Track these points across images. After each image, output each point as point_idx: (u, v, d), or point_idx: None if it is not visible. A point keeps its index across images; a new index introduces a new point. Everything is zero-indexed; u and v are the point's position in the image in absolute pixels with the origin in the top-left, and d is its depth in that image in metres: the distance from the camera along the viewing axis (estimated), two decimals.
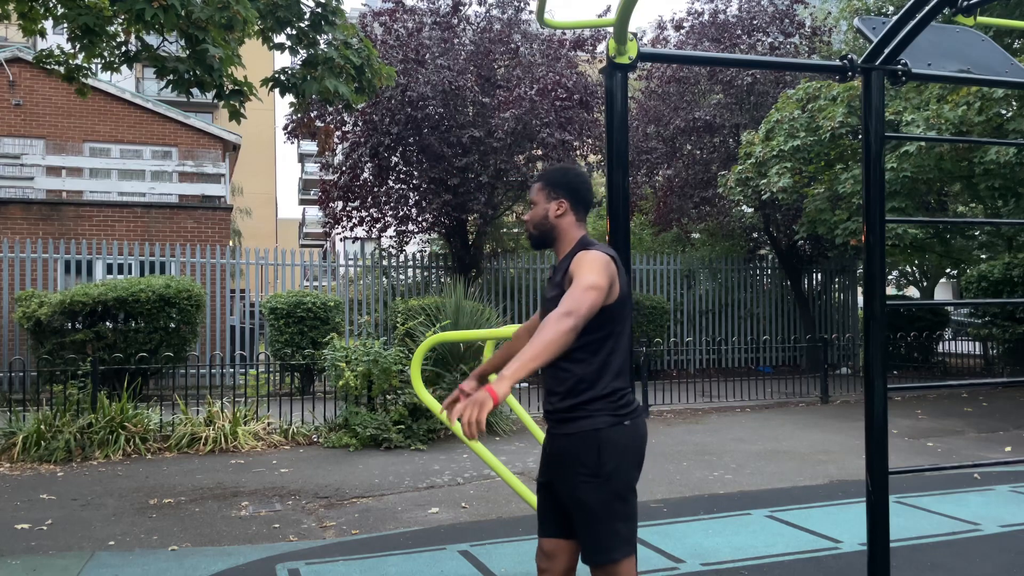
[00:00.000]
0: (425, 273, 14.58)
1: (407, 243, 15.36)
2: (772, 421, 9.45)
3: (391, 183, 14.26)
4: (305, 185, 48.85)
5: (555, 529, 2.55)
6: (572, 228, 2.57)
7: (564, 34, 14.29)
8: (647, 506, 5.40)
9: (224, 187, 14.90)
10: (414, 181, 14.14)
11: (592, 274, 2.35)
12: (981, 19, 2.98)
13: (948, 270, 21.08)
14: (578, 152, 14.72)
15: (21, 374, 9.37)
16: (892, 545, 2.83)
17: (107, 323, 10.40)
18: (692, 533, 4.81)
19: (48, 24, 6.67)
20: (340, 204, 14.54)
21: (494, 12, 14.48)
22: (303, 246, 40.95)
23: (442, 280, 14.41)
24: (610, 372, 2.46)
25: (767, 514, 5.22)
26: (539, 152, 14.10)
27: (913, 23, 2.53)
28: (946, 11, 2.47)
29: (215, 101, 6.53)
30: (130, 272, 12.54)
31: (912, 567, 4.12)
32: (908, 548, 4.43)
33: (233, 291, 13.57)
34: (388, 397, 8.14)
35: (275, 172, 41.05)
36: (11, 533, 4.90)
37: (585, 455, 2.40)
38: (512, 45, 14.00)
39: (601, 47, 14.61)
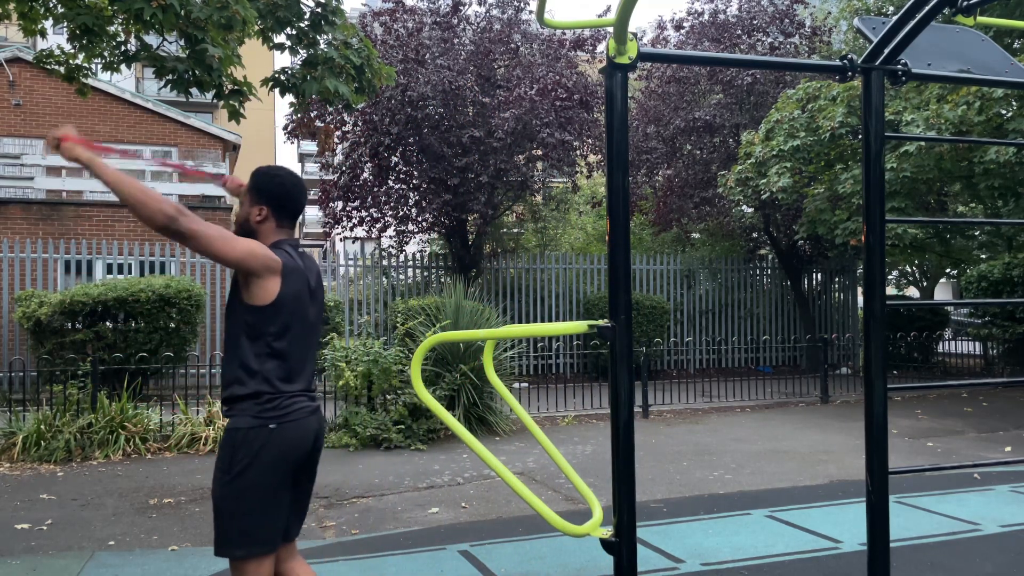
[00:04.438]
0: (425, 273, 14.58)
1: (407, 243, 15.36)
2: (772, 421, 9.45)
3: (391, 183, 14.26)
4: None
5: None
6: (270, 234, 2.65)
7: (564, 34, 14.29)
8: (647, 506, 5.40)
9: None
10: (414, 181, 14.14)
11: (242, 243, 2.47)
12: (981, 19, 2.98)
13: (948, 270, 21.08)
14: (578, 152, 14.73)
15: (21, 374, 9.38)
16: (892, 545, 2.83)
17: (107, 323, 10.40)
18: (692, 533, 4.81)
19: (48, 24, 6.67)
20: (340, 204, 14.54)
21: (494, 12, 14.48)
22: (303, 246, 40.89)
23: (442, 280, 14.41)
24: (259, 375, 2.52)
25: (767, 514, 5.22)
26: (539, 152, 14.10)
27: (913, 23, 2.53)
28: (946, 11, 2.47)
29: (215, 101, 6.53)
30: (130, 272, 12.54)
31: (912, 567, 4.12)
32: (908, 548, 4.43)
33: None
34: (388, 397, 8.14)
35: None
36: (11, 533, 4.90)
37: (223, 452, 2.52)
38: (512, 45, 14.00)
39: (601, 47, 14.61)
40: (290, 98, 6.93)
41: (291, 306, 2.56)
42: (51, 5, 6.32)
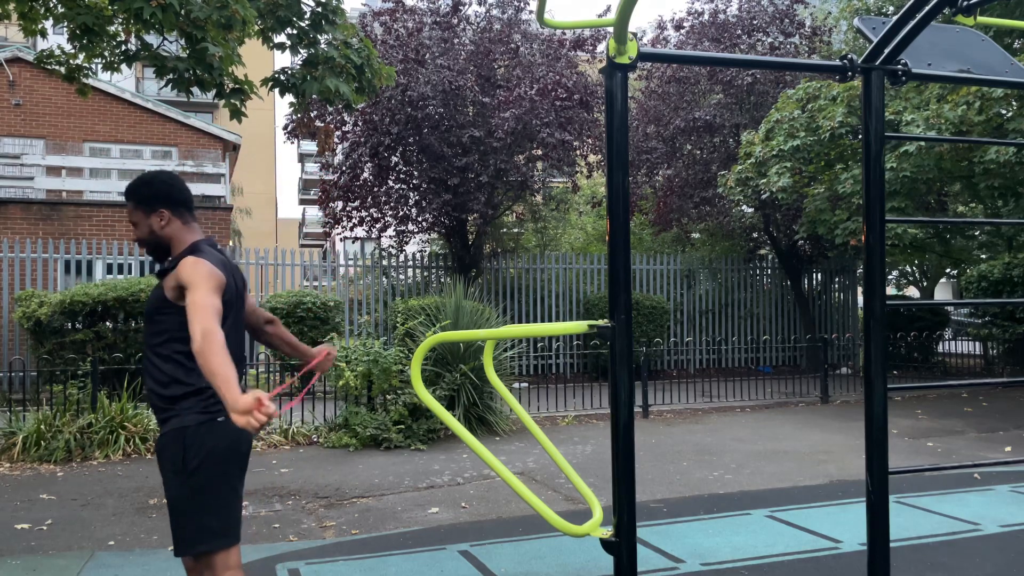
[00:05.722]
0: (425, 273, 14.58)
1: (407, 243, 15.37)
2: (772, 421, 9.45)
3: (391, 183, 14.25)
4: (305, 185, 48.83)
5: None
6: (181, 233, 2.65)
7: (564, 34, 14.28)
8: (647, 506, 5.40)
9: (224, 187, 14.89)
10: (414, 181, 14.14)
11: (200, 290, 2.38)
12: (981, 19, 2.98)
13: (948, 270, 21.08)
14: (578, 152, 14.73)
15: (21, 374, 9.37)
16: (892, 545, 2.83)
17: (107, 323, 10.39)
18: (692, 533, 4.81)
19: (48, 24, 6.66)
20: (340, 204, 14.54)
21: (494, 12, 14.48)
22: (303, 246, 40.96)
23: (442, 280, 14.41)
24: (198, 371, 2.47)
25: (767, 514, 5.22)
26: (539, 152, 14.10)
27: (913, 23, 2.52)
28: (946, 11, 2.47)
29: (215, 101, 6.53)
30: (130, 272, 12.53)
31: (912, 567, 4.12)
32: (908, 548, 4.43)
33: None
34: (388, 397, 8.14)
35: (275, 172, 41.04)
36: (11, 533, 4.90)
37: (173, 452, 2.50)
38: (512, 45, 14.00)
39: (601, 47, 14.60)
40: (290, 98, 6.92)
41: (225, 300, 2.57)
42: (51, 5, 6.31)
